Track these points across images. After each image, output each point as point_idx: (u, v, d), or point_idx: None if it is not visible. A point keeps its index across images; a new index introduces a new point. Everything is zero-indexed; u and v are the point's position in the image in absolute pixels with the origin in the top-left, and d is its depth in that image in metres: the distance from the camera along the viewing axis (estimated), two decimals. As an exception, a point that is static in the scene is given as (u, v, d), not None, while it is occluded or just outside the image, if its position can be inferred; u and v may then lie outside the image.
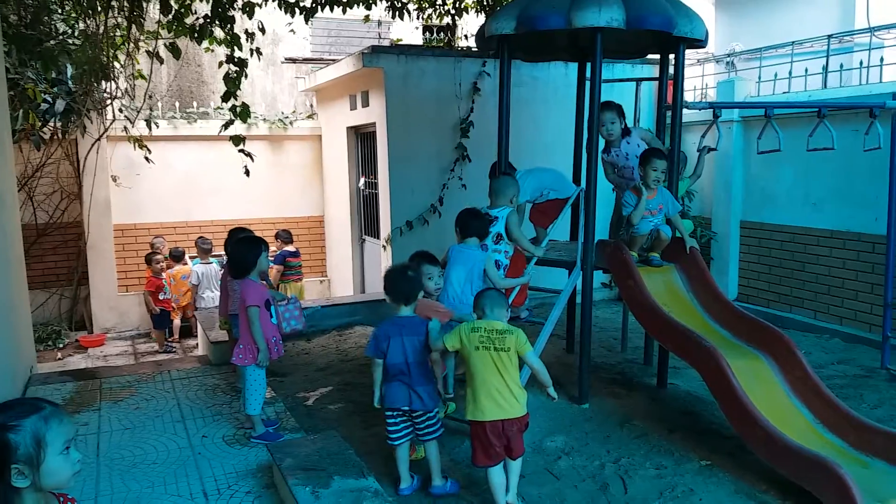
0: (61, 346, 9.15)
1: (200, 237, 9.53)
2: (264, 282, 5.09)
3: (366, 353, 4.20)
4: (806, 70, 7.85)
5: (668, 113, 6.35)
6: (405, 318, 4.12)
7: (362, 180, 9.92)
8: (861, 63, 7.44)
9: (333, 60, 10.72)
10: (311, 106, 11.66)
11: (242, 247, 4.95)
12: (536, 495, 4.18)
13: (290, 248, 9.88)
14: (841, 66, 7.69)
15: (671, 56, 6.34)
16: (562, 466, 4.55)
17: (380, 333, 4.09)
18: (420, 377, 4.02)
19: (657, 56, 9.05)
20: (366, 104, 9.15)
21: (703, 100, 9.35)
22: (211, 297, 9.01)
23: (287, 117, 11.11)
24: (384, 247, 8.87)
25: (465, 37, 10.55)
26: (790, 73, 7.98)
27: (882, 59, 7.31)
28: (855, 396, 5.60)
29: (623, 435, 5.01)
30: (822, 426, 4.34)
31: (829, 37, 7.75)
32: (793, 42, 8.29)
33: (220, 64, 7.86)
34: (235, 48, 7.62)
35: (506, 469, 3.88)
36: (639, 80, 7.01)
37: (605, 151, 5.97)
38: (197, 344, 8.73)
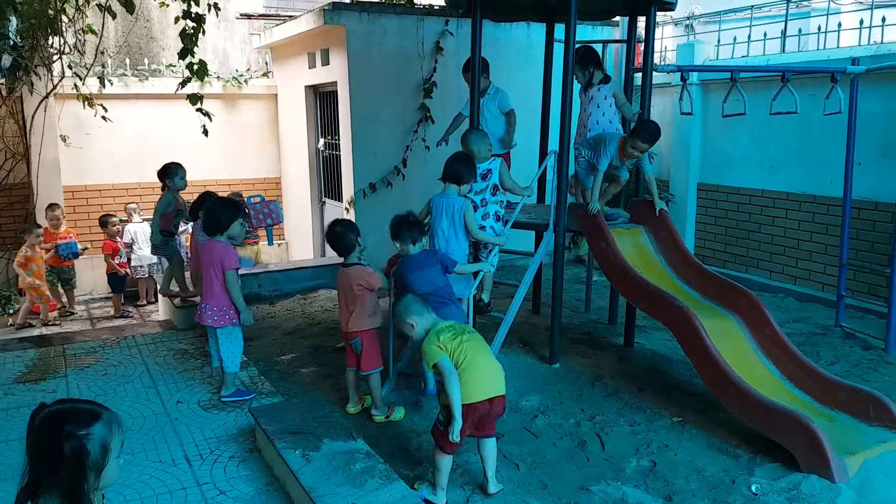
0: (11, 311, 8.85)
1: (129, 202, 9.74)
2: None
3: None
4: (765, 34, 7.97)
5: (635, 75, 6.42)
6: (417, 256, 4.61)
7: (322, 141, 9.77)
8: (819, 28, 7.58)
9: (289, 17, 10.45)
10: (266, 64, 11.37)
11: (221, 206, 4.98)
12: (517, 453, 4.27)
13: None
14: (799, 30, 7.84)
15: (638, 18, 6.39)
16: (539, 425, 4.64)
17: (397, 274, 4.73)
18: (450, 295, 4.57)
19: (616, 18, 9.15)
20: (326, 62, 8.97)
21: (663, 63, 9.42)
22: (145, 255, 9.32)
23: (242, 75, 10.81)
24: (347, 209, 8.79)
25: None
26: (749, 37, 8.10)
27: (840, 25, 7.47)
28: (812, 354, 5.80)
29: (595, 393, 5.13)
30: (789, 382, 4.51)
31: (788, 1, 7.88)
32: (752, 6, 8.41)
33: (177, 20, 7.59)
34: (192, 3, 7.35)
35: (481, 454, 3.77)
36: (605, 42, 7.03)
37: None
38: (155, 308, 8.57)
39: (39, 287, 8.43)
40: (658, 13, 6.06)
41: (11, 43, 8.13)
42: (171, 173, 6.68)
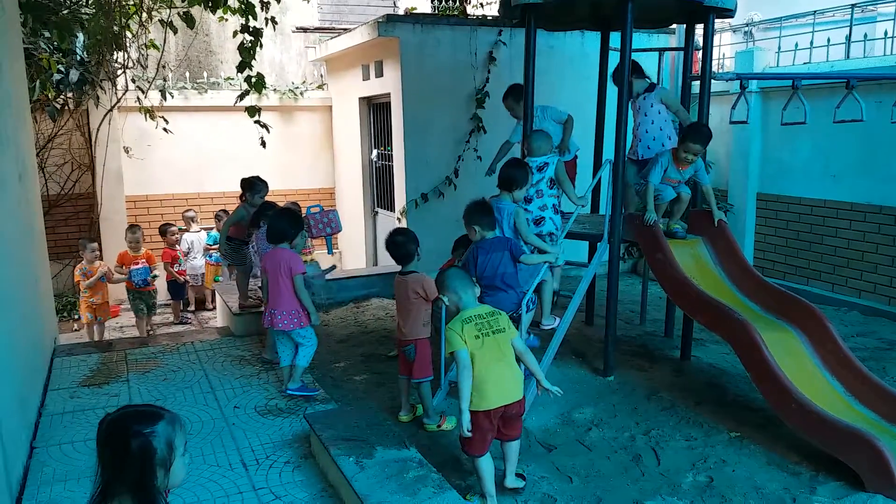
0: (76, 317, 9.13)
1: (187, 209, 9.84)
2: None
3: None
4: (828, 40, 7.77)
5: (692, 83, 6.31)
6: (490, 240, 4.68)
7: (375, 152, 9.86)
8: (885, 33, 7.36)
9: (344, 29, 10.60)
10: (321, 76, 11.55)
11: (284, 217, 5.16)
12: (571, 466, 4.22)
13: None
14: (865, 35, 7.62)
15: (695, 26, 6.29)
16: (593, 438, 4.58)
17: (469, 258, 4.69)
18: (512, 282, 4.66)
19: (673, 26, 9.03)
20: (380, 74, 9.06)
21: (721, 70, 9.26)
22: (200, 264, 9.61)
23: (297, 88, 11.01)
24: (399, 219, 8.84)
25: (481, 5, 10.42)
26: (811, 42, 7.90)
27: (907, 30, 7.25)
28: (878, 370, 5.62)
29: (650, 407, 5.04)
30: (853, 399, 4.36)
31: (853, 6, 7.66)
32: (814, 11, 8.20)
33: (235, 33, 7.77)
34: (250, 17, 7.52)
35: (504, 452, 3.85)
36: (662, 50, 6.94)
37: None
38: (213, 314, 8.73)
39: (91, 305, 8.11)
40: (716, 20, 5.95)
41: (79, 58, 8.43)
42: (254, 188, 6.67)
